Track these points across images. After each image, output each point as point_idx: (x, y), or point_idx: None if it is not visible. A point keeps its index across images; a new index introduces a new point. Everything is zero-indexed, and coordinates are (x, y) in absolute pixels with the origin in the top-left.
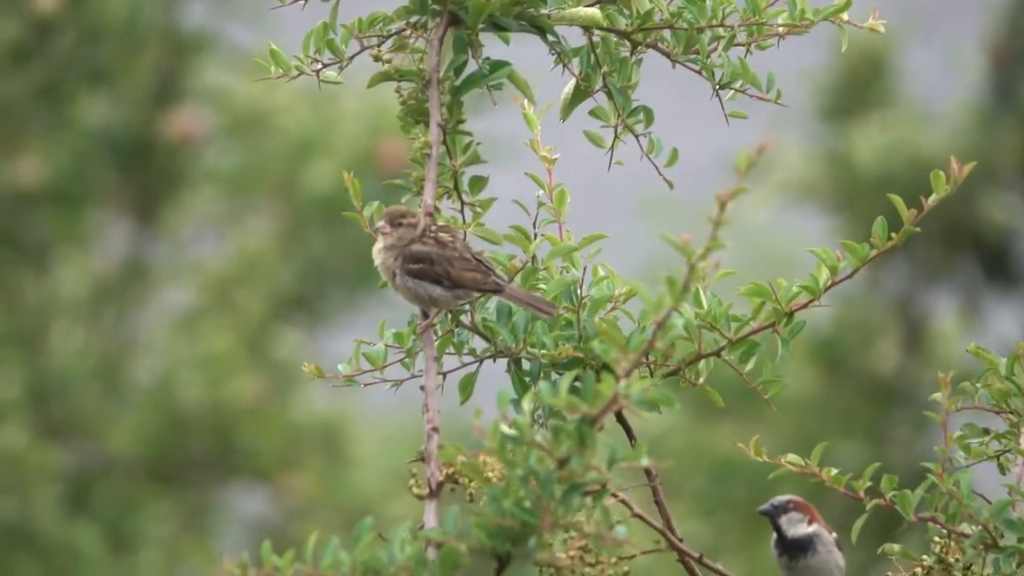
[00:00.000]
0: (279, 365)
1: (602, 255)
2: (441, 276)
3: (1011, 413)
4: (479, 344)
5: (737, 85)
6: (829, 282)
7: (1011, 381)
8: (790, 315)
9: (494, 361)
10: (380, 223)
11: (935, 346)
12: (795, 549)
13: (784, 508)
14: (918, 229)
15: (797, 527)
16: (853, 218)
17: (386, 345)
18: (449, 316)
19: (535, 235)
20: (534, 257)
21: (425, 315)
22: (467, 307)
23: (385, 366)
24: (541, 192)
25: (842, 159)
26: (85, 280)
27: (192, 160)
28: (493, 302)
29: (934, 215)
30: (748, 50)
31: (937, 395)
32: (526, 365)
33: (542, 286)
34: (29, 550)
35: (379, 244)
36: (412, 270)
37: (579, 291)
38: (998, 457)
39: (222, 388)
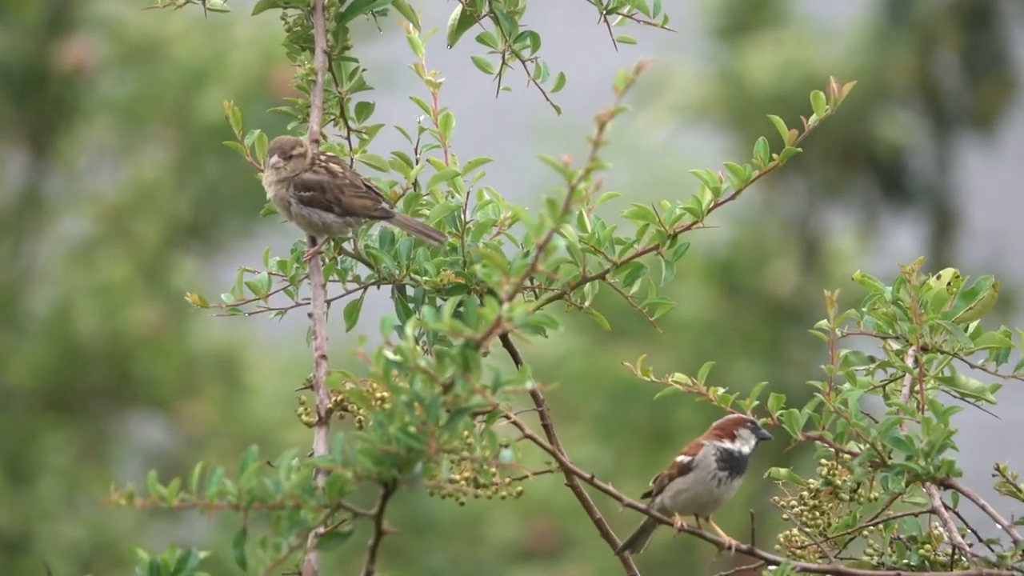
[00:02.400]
0: (176, 293)
1: (499, 182)
2: (332, 203)
3: (897, 338)
4: (363, 271)
5: (625, 10)
6: (712, 204)
7: (897, 305)
8: (674, 237)
9: (378, 288)
10: (273, 159)
11: (832, 265)
12: (736, 470)
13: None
14: (799, 150)
15: (750, 443)
16: (748, 138)
17: (270, 274)
18: (332, 243)
19: (417, 161)
20: (416, 183)
21: (313, 242)
22: (350, 234)
23: (269, 295)
24: (423, 117)
25: (736, 78)
26: None
27: (86, 90)
28: (376, 229)
29: (829, 134)
30: None
31: (823, 323)
32: (410, 291)
33: (425, 211)
34: None
35: (269, 177)
36: (303, 198)
37: (463, 216)
38: (884, 387)
39: (119, 317)
